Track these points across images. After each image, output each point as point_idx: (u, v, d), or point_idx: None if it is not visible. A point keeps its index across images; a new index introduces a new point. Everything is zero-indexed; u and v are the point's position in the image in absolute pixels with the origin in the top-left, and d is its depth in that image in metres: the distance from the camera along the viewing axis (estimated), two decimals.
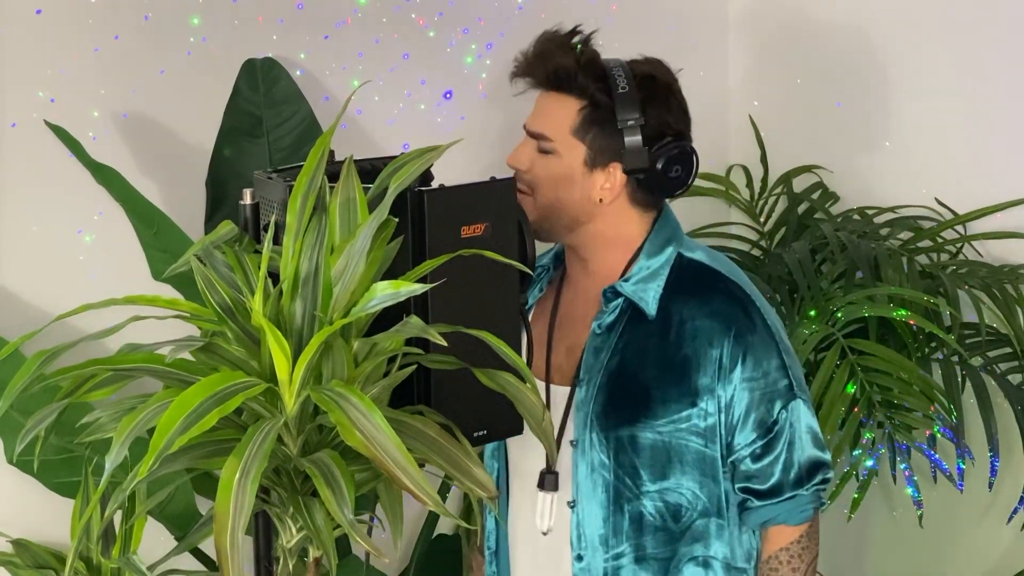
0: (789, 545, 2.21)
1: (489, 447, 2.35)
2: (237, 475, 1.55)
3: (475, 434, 1.83)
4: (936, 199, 3.19)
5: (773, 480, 2.18)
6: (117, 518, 2.47)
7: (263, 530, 1.85)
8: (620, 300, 2.20)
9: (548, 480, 2.22)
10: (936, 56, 3.20)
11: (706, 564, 2.21)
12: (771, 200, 3.44)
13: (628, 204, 2.21)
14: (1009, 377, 2.99)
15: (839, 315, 2.86)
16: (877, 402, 2.84)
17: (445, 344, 1.66)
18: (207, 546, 2.07)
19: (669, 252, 2.22)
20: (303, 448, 1.70)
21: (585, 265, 2.25)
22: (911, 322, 2.89)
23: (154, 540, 2.51)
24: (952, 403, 2.89)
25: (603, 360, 2.19)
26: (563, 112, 2.18)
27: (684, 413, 2.16)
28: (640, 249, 2.22)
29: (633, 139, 2.15)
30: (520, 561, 2.32)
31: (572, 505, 2.21)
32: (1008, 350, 3.00)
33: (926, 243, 3.12)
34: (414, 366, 1.77)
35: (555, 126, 2.18)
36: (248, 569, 1.77)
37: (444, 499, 2.87)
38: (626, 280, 2.20)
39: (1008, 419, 2.94)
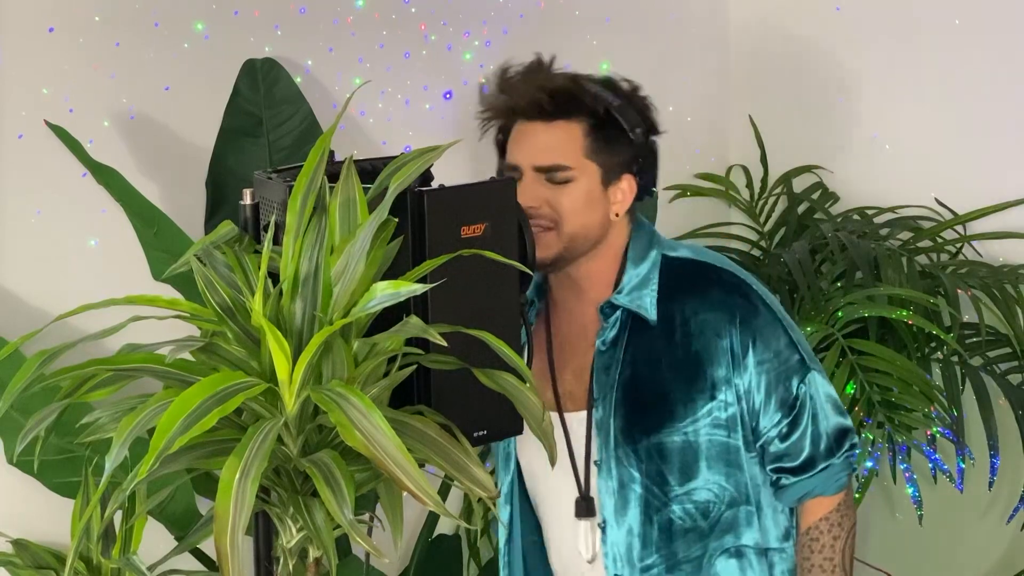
0: (828, 514, 2.22)
1: (504, 487, 2.31)
2: (237, 475, 1.55)
3: (475, 434, 1.82)
4: (936, 199, 3.19)
5: (804, 455, 2.18)
6: (117, 518, 2.47)
7: (263, 530, 1.84)
8: (618, 312, 2.19)
9: (582, 507, 2.22)
10: (936, 56, 3.20)
11: (738, 553, 2.21)
12: (771, 200, 3.44)
13: (627, 213, 2.21)
14: (1009, 377, 2.99)
15: (839, 315, 2.86)
16: (877, 402, 2.84)
17: (445, 344, 1.66)
18: (207, 546, 2.07)
19: (653, 256, 2.21)
20: (303, 448, 1.70)
21: (576, 286, 2.22)
22: (911, 322, 2.89)
23: (154, 540, 2.51)
24: (952, 403, 2.89)
25: (615, 375, 2.18)
26: (570, 137, 2.13)
27: (705, 408, 2.16)
28: (624, 259, 2.20)
29: (646, 145, 2.16)
30: None
31: (603, 527, 2.20)
32: (1008, 350, 3.00)
33: (926, 243, 3.12)
34: (414, 366, 1.77)
35: (568, 153, 2.13)
36: (248, 569, 1.77)
37: (444, 499, 2.87)
38: (619, 292, 2.19)
39: (1008, 419, 2.94)
